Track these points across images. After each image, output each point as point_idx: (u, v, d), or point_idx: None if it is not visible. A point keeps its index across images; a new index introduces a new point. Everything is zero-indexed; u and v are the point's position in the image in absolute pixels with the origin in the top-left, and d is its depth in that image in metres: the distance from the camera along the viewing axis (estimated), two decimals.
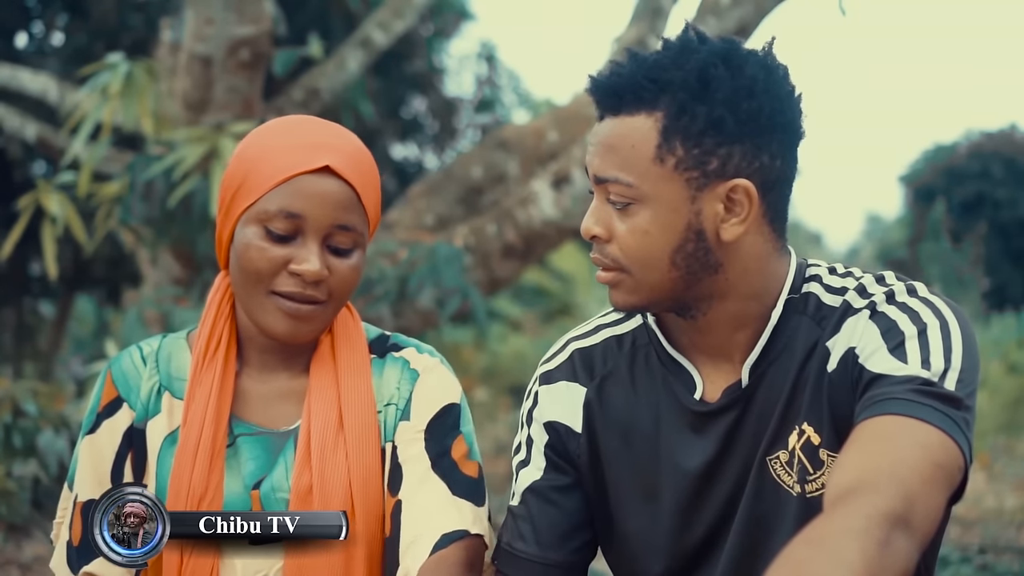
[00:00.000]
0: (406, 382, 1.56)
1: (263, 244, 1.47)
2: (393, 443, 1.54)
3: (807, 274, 1.48)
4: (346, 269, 1.49)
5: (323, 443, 1.50)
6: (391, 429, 1.54)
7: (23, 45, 9.88)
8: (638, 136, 1.39)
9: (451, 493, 1.50)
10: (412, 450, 1.53)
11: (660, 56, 1.40)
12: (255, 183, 1.47)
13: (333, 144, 1.48)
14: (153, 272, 5.45)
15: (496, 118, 11.97)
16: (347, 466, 1.50)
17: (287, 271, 1.47)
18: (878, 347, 1.37)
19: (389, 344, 1.61)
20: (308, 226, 1.46)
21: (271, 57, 5.50)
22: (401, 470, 1.52)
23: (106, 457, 1.55)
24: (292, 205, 1.45)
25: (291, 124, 1.52)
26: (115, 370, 1.58)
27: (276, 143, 1.48)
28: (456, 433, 1.55)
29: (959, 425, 1.29)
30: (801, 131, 1.43)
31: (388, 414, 1.55)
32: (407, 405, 1.55)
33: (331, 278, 1.48)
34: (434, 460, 1.52)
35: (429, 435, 1.53)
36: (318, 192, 1.46)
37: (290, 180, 1.45)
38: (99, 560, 1.50)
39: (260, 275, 1.47)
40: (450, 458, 1.53)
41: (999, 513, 5.78)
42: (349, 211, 1.47)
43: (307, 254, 1.46)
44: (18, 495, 4.63)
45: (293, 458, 1.51)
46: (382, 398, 1.56)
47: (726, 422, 1.46)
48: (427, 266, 4.53)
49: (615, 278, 1.43)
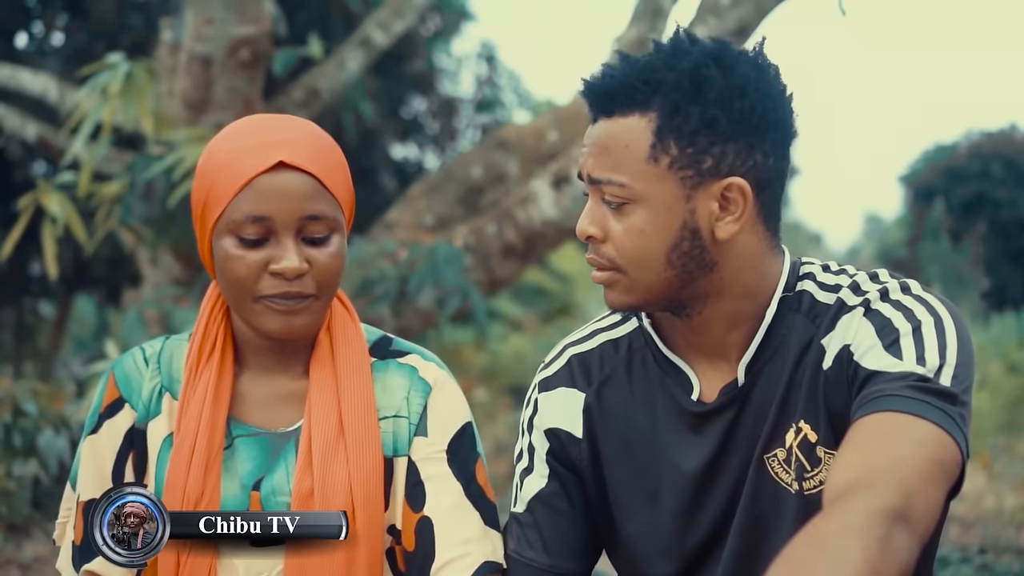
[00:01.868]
0: (417, 395, 1.57)
1: (239, 252, 1.47)
2: (410, 458, 1.55)
3: (801, 272, 1.48)
4: (326, 257, 1.48)
5: (324, 447, 1.50)
6: (404, 443, 1.55)
7: (23, 45, 9.88)
8: (632, 137, 1.39)
9: (483, 523, 1.53)
10: (436, 469, 1.54)
11: (652, 58, 1.41)
12: (218, 195, 1.47)
13: (284, 138, 1.48)
14: (153, 272, 5.45)
15: (496, 118, 11.96)
16: (348, 469, 1.50)
17: (268, 273, 1.47)
18: (873, 344, 1.37)
19: (391, 349, 1.61)
20: (277, 225, 1.46)
21: (271, 57, 5.51)
22: (423, 487, 1.53)
23: (107, 457, 1.56)
24: (257, 209, 1.45)
25: (242, 127, 1.52)
26: (117, 371, 1.59)
27: (229, 150, 1.48)
28: (476, 456, 1.57)
29: (955, 421, 1.29)
30: (794, 130, 1.43)
31: (399, 426, 1.55)
32: (422, 421, 1.56)
33: (313, 269, 1.48)
34: (465, 486, 1.54)
35: (452, 456, 1.55)
36: (278, 189, 1.45)
37: (249, 184, 1.45)
38: (99, 559, 1.51)
39: (243, 283, 1.47)
40: (477, 484, 1.55)
41: (999, 513, 5.78)
42: (314, 200, 1.47)
43: (282, 252, 1.46)
44: (18, 495, 4.63)
45: (294, 461, 1.52)
46: (388, 406, 1.56)
47: (723, 422, 1.47)
48: (427, 266, 4.53)
49: (611, 278, 1.44)
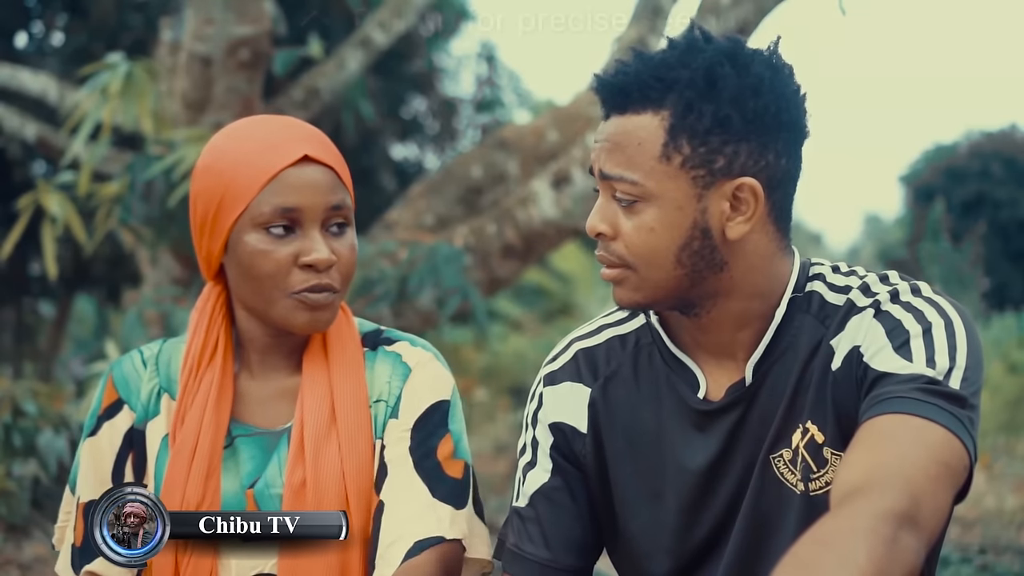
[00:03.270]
0: (397, 378, 1.56)
1: (267, 247, 1.47)
2: (382, 441, 1.54)
3: (811, 273, 1.48)
4: (347, 249, 1.51)
5: (316, 438, 1.50)
6: (381, 427, 1.55)
7: (23, 45, 9.89)
8: (644, 134, 1.39)
9: (432, 496, 1.50)
10: (398, 450, 1.53)
11: (666, 55, 1.40)
12: (239, 191, 1.47)
13: (301, 134, 1.51)
14: (153, 272, 5.44)
15: (496, 118, 11.96)
16: (340, 461, 1.50)
17: (297, 266, 1.47)
18: (883, 346, 1.37)
19: (382, 338, 1.61)
20: (305, 217, 1.47)
21: (271, 57, 5.50)
22: (386, 469, 1.52)
23: (107, 459, 1.56)
24: (286, 200, 1.46)
25: (248, 127, 1.53)
26: (116, 373, 1.59)
27: (246, 148, 1.49)
28: (443, 431, 1.54)
29: (964, 424, 1.29)
30: (806, 130, 1.43)
31: (379, 411, 1.55)
32: (397, 403, 1.55)
33: (339, 261, 1.50)
34: (418, 461, 1.52)
35: (415, 434, 1.53)
36: (306, 181, 1.48)
37: (276, 177, 1.47)
38: (100, 560, 1.50)
39: (274, 278, 1.47)
40: (435, 458, 1.52)
41: (999, 513, 5.78)
42: (336, 191, 1.50)
43: (312, 243, 1.48)
44: (18, 495, 4.62)
45: (286, 454, 1.51)
46: (373, 393, 1.56)
47: (730, 420, 1.46)
48: (427, 266, 4.52)
49: (620, 275, 1.43)
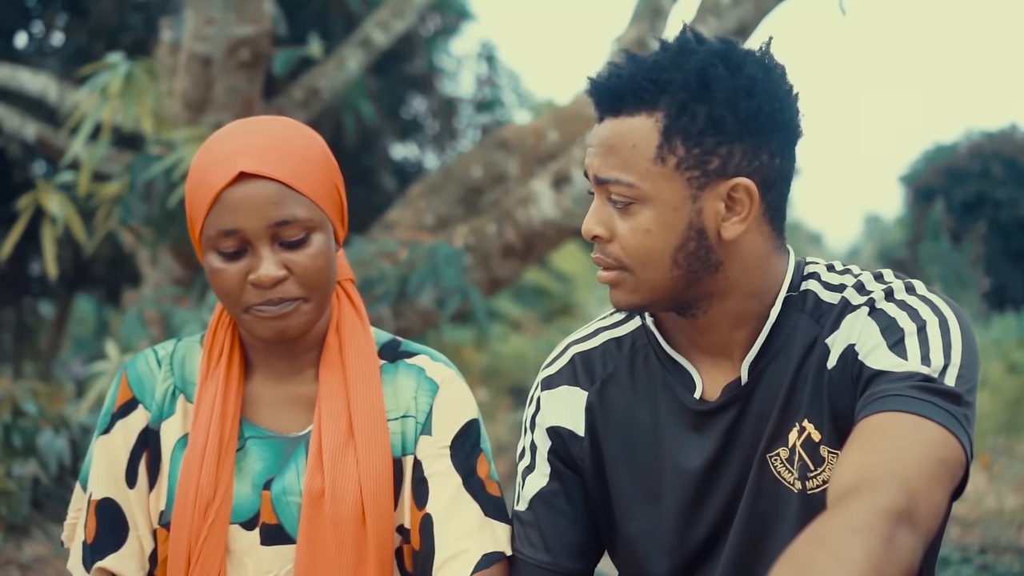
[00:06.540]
0: (424, 394, 1.58)
1: (220, 266, 1.48)
2: (415, 457, 1.56)
3: (805, 272, 1.48)
4: (306, 259, 1.47)
5: (334, 449, 1.51)
6: (411, 442, 1.56)
7: (23, 45, 9.88)
8: (639, 136, 1.39)
9: (484, 514, 1.54)
10: (438, 466, 1.55)
11: (659, 57, 1.40)
12: (195, 214, 1.49)
13: (244, 147, 1.47)
14: (153, 272, 5.44)
15: (496, 118, 11.96)
16: (357, 471, 1.51)
17: (249, 283, 1.47)
18: (878, 344, 1.37)
19: (400, 350, 1.62)
20: (248, 235, 1.46)
21: (271, 57, 5.50)
22: (427, 484, 1.54)
23: (120, 457, 1.57)
24: (225, 223, 1.45)
25: (214, 140, 1.52)
26: (131, 372, 1.60)
27: (198, 168, 1.49)
28: (479, 451, 1.58)
29: (960, 421, 1.29)
30: (799, 130, 1.43)
31: (407, 426, 1.56)
32: (428, 419, 1.56)
33: (294, 273, 1.47)
34: (464, 479, 1.55)
35: (454, 452, 1.56)
36: (242, 201, 1.45)
37: (216, 200, 1.45)
38: (112, 556, 1.53)
39: (229, 295, 1.48)
40: (477, 477, 1.56)
41: (999, 513, 5.77)
42: (282, 205, 1.45)
43: (257, 262, 1.46)
44: (18, 495, 4.61)
45: (304, 462, 1.53)
46: (397, 407, 1.57)
47: (726, 420, 1.47)
48: (427, 266, 4.52)
49: (616, 277, 1.44)
